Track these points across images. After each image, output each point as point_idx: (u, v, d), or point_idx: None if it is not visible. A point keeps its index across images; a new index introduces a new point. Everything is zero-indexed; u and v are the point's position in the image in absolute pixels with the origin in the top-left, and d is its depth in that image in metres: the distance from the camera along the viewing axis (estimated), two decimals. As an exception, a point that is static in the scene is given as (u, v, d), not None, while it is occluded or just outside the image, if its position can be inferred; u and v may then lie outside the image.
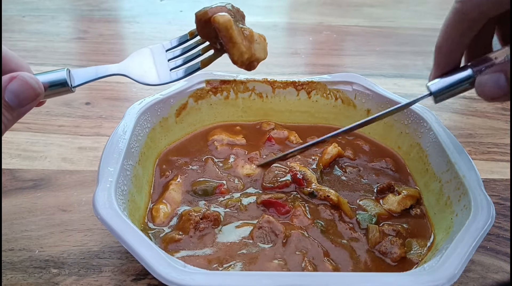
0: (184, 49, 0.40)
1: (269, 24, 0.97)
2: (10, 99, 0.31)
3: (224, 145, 0.52)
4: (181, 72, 0.39)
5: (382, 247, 0.40)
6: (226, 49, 0.38)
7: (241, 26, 0.39)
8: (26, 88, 0.32)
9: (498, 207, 0.49)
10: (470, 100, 0.71)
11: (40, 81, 0.34)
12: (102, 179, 0.37)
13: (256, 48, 0.40)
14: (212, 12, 0.38)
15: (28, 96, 0.32)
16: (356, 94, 0.55)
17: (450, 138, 0.46)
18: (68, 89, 0.36)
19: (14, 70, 0.34)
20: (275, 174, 0.47)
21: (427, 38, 0.93)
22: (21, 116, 0.33)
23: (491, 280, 0.41)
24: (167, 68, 0.39)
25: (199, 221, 0.41)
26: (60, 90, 0.36)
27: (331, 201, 0.44)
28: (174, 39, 0.40)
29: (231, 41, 0.38)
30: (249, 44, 0.39)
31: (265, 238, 0.40)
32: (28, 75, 0.32)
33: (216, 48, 0.40)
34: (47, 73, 0.35)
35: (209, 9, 0.38)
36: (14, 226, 0.44)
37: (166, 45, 0.40)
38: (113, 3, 1.06)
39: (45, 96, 0.35)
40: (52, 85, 0.35)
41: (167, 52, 0.40)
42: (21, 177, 0.50)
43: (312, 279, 0.32)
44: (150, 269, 0.31)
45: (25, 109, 0.33)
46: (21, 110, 0.32)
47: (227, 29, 0.37)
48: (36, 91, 0.33)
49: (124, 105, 0.63)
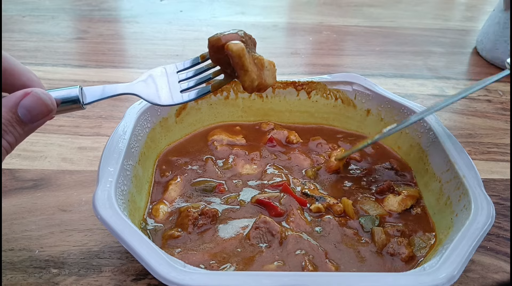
0: (196, 72, 0.41)
1: (269, 24, 0.97)
2: (23, 114, 0.32)
3: (224, 145, 0.52)
4: (192, 94, 0.40)
5: (390, 248, 0.40)
6: (237, 75, 0.39)
7: (253, 54, 0.39)
8: (39, 104, 0.32)
9: (498, 207, 0.49)
10: (470, 100, 0.71)
11: (53, 97, 0.34)
12: (102, 179, 0.37)
13: (266, 75, 0.40)
14: (225, 39, 0.38)
15: (41, 112, 0.32)
16: (356, 94, 0.55)
17: (450, 138, 0.46)
18: (80, 106, 0.36)
19: (26, 85, 0.34)
20: (273, 174, 0.48)
21: (427, 38, 0.93)
22: (32, 131, 0.33)
23: (491, 280, 0.41)
24: (178, 89, 0.40)
25: (198, 218, 0.41)
26: (72, 107, 0.36)
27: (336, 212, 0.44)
28: (186, 61, 0.41)
29: (243, 68, 0.38)
30: (260, 71, 0.40)
31: (262, 238, 0.40)
32: (41, 92, 0.33)
33: (227, 73, 0.41)
34: (59, 90, 0.35)
35: (222, 36, 0.38)
36: (14, 226, 0.44)
37: (179, 66, 0.40)
38: (113, 3, 1.06)
39: (57, 112, 0.36)
40: (64, 101, 0.35)
41: (178, 73, 0.40)
42: (21, 177, 0.50)
43: (312, 279, 0.32)
44: (150, 269, 0.31)
45: (36, 125, 0.33)
46: (32, 125, 0.33)
47: (240, 57, 0.38)
48: (49, 108, 0.33)
49: (124, 105, 0.63)
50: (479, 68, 0.81)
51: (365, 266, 0.39)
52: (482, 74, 0.79)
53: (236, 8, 1.05)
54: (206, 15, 1.00)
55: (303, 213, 0.43)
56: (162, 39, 0.87)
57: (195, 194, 0.46)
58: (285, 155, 0.52)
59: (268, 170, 0.49)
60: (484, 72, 0.80)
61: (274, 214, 0.43)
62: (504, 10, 0.79)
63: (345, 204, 0.44)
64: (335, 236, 0.42)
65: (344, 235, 0.42)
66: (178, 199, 0.45)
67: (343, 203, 0.44)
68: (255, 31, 0.93)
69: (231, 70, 0.39)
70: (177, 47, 0.84)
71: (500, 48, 0.80)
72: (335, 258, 0.39)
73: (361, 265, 0.39)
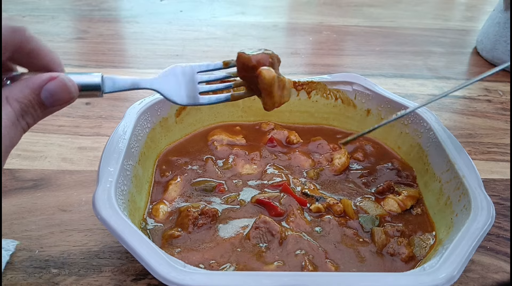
0: (217, 77, 0.41)
1: (269, 24, 0.97)
2: (45, 98, 0.32)
3: (224, 145, 0.52)
4: (211, 99, 0.40)
5: (390, 248, 0.40)
6: (261, 96, 0.40)
7: (278, 76, 0.40)
8: (63, 90, 0.32)
9: (498, 207, 0.49)
10: (470, 100, 0.71)
11: (76, 85, 0.34)
12: (102, 179, 0.37)
13: (285, 94, 0.42)
14: (255, 60, 0.39)
15: (63, 98, 0.33)
16: (356, 94, 0.55)
17: (450, 138, 0.46)
18: (98, 94, 0.36)
19: (49, 65, 0.34)
20: (273, 174, 0.48)
21: (427, 38, 0.93)
22: (49, 114, 0.33)
23: (491, 280, 0.41)
24: (197, 90, 0.40)
25: (198, 217, 0.41)
26: (90, 94, 0.36)
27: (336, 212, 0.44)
28: (209, 64, 0.41)
29: (270, 95, 0.40)
30: (281, 92, 0.41)
31: (262, 238, 0.40)
32: (68, 79, 0.33)
33: (250, 88, 0.41)
34: (81, 74, 0.35)
35: (252, 55, 0.39)
36: (14, 226, 0.44)
37: (201, 67, 0.40)
38: (113, 3, 1.06)
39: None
40: (85, 88, 0.35)
41: (198, 74, 0.40)
42: (21, 177, 0.50)
43: (313, 279, 0.32)
44: (150, 269, 0.31)
45: (55, 109, 0.33)
46: (52, 109, 0.33)
47: (270, 86, 0.39)
48: (71, 95, 0.33)
49: (124, 105, 0.63)
50: (479, 68, 0.81)
51: (365, 266, 0.39)
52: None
53: (236, 8, 1.05)
54: (206, 15, 1.00)
55: (303, 213, 0.43)
56: (162, 39, 0.87)
57: (195, 193, 0.46)
58: (285, 155, 0.51)
59: (268, 170, 0.49)
60: (484, 72, 0.80)
61: (274, 214, 0.43)
62: (504, 10, 0.79)
63: (345, 204, 0.44)
64: (335, 236, 0.42)
65: (344, 235, 0.42)
66: (178, 199, 0.45)
67: (343, 203, 0.44)
68: (255, 31, 0.93)
69: (255, 88, 0.40)
70: (177, 47, 0.84)
71: (500, 48, 0.80)
72: (335, 258, 0.39)
73: (361, 265, 0.39)
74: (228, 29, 0.93)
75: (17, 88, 0.30)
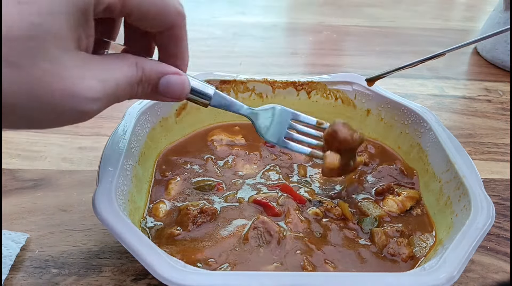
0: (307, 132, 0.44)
1: (269, 24, 0.97)
2: (162, 84, 0.33)
3: (224, 145, 0.52)
4: (292, 146, 0.43)
5: (389, 249, 0.40)
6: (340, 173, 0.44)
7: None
8: (179, 89, 0.34)
9: (498, 207, 0.49)
10: (470, 100, 0.71)
11: (189, 88, 0.35)
12: (102, 179, 0.37)
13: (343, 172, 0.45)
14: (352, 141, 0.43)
15: (174, 94, 0.34)
16: (356, 94, 0.55)
17: (450, 138, 0.46)
18: (206, 103, 0.38)
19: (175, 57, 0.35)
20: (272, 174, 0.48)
21: (427, 38, 0.93)
22: (152, 99, 0.35)
23: (491, 280, 0.41)
24: (284, 133, 0.43)
25: (197, 216, 0.41)
26: (196, 100, 0.37)
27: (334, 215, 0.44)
28: (305, 117, 0.44)
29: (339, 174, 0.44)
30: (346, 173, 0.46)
31: (260, 238, 0.40)
32: (187, 80, 0.34)
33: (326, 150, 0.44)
34: (198, 81, 0.37)
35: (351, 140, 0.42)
36: (14, 226, 0.44)
37: (296, 116, 0.44)
38: (113, 3, 1.06)
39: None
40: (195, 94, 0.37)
41: (291, 120, 0.43)
42: (21, 177, 0.50)
43: (313, 279, 0.32)
44: (150, 269, 0.31)
45: (161, 98, 0.34)
46: (159, 96, 0.34)
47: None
48: (181, 96, 0.34)
49: (124, 105, 0.63)
50: (479, 68, 0.81)
51: (365, 267, 0.39)
52: (482, 74, 0.79)
53: (236, 8, 1.05)
54: (206, 15, 1.00)
55: (301, 213, 0.43)
56: (162, 39, 0.87)
57: (195, 192, 0.46)
58: (285, 156, 0.51)
59: (268, 170, 0.49)
60: (484, 72, 0.80)
61: (272, 214, 0.43)
62: (504, 10, 0.79)
63: (342, 207, 0.44)
64: (334, 237, 0.42)
65: (343, 236, 0.42)
66: (178, 197, 0.45)
67: (340, 206, 0.44)
68: (255, 31, 0.93)
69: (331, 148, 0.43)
70: (177, 47, 0.84)
71: (500, 48, 0.80)
72: (334, 259, 0.39)
73: (360, 265, 0.39)
74: (228, 29, 0.93)
75: (149, 62, 0.32)
